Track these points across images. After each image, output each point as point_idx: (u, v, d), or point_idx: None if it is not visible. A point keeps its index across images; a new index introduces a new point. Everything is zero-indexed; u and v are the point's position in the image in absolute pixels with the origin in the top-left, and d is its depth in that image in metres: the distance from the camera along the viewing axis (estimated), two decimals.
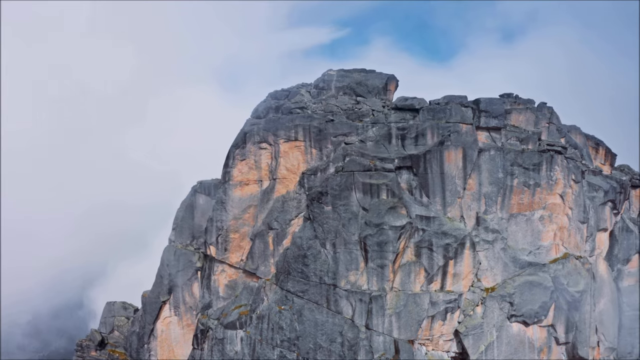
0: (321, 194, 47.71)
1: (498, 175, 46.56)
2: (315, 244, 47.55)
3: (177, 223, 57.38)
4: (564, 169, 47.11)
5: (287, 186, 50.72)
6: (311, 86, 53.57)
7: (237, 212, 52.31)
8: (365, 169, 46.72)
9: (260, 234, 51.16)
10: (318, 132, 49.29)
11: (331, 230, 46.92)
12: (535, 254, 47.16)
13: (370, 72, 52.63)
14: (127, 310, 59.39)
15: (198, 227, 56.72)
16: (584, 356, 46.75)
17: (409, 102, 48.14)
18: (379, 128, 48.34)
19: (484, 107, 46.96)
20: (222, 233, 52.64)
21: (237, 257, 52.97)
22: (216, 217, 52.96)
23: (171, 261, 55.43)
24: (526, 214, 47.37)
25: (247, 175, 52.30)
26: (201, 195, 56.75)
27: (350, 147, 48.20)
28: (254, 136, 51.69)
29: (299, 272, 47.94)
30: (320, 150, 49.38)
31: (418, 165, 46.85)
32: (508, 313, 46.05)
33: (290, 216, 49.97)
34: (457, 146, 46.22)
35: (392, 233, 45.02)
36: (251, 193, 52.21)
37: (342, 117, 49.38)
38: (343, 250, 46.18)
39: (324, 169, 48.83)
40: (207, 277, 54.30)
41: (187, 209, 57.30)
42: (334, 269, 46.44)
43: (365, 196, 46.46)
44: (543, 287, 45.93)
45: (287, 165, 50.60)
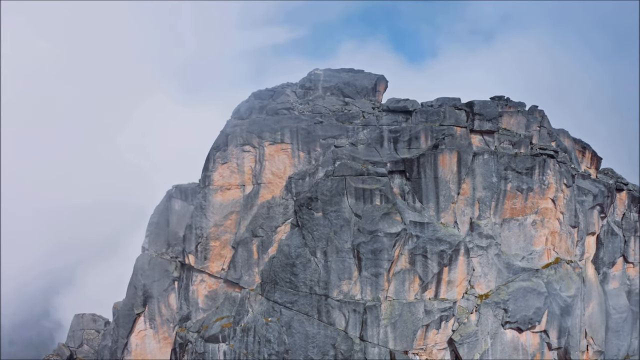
0: (310, 200, 45.40)
1: (492, 179, 45.56)
2: (305, 252, 45.21)
3: (150, 230, 53.72)
4: (556, 173, 46.64)
5: (272, 191, 48.09)
6: (296, 86, 51.09)
7: (218, 218, 49.27)
8: (357, 173, 44.73)
9: (243, 241, 48.33)
10: (306, 134, 46.89)
11: (322, 238, 44.69)
12: (528, 259, 46.52)
13: (359, 72, 50.67)
14: (97, 322, 55.35)
15: (174, 234, 53.30)
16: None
17: (401, 104, 46.44)
18: (370, 131, 46.43)
19: (477, 109, 45.83)
20: (202, 241, 49.47)
21: (218, 266, 49.94)
22: (195, 223, 49.72)
23: (145, 271, 51.78)
24: (519, 219, 46.65)
25: (229, 179, 49.32)
26: (177, 201, 53.31)
27: (340, 151, 46.09)
28: (236, 138, 48.76)
29: (287, 282, 45.49)
30: (308, 154, 47.01)
31: (411, 170, 45.25)
32: (502, 320, 45.20)
33: (276, 223, 47.38)
34: (451, 150, 44.89)
35: (387, 240, 43.24)
36: (233, 198, 49.28)
37: (331, 119, 47.17)
38: (335, 259, 44.05)
39: (312, 173, 46.52)
40: (184, 288, 51.01)
41: (161, 215, 53.74)
42: (325, 279, 44.25)
43: (358, 202, 44.47)
44: (537, 293, 45.33)
45: (272, 169, 47.96)
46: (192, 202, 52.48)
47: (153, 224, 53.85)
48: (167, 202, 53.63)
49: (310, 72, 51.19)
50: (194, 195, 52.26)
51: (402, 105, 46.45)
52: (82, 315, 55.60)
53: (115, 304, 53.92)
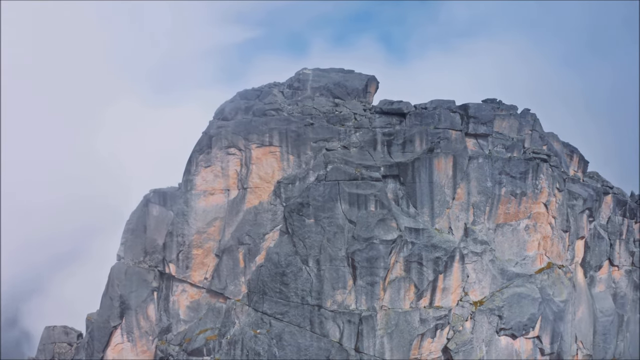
0: (302, 206, 43.39)
1: (487, 184, 44.71)
2: (296, 261, 43.18)
3: (126, 237, 50.40)
4: (548, 177, 46.23)
5: (259, 196, 45.77)
6: (284, 86, 48.87)
7: (201, 225, 46.60)
8: (351, 178, 43.00)
9: (228, 249, 45.84)
10: (296, 136, 44.78)
11: (314, 246, 42.77)
12: (522, 264, 45.99)
13: (349, 72, 48.90)
14: (70, 335, 51.71)
15: (151, 241, 50.17)
16: None
17: (395, 106, 44.95)
18: (363, 133, 44.77)
19: (472, 112, 44.86)
20: (184, 249, 46.70)
21: (200, 275, 47.29)
22: (177, 231, 46.87)
23: (122, 281, 48.50)
24: (512, 224, 46.04)
25: (213, 183, 46.70)
26: (155, 206, 50.15)
27: (332, 154, 44.24)
28: (221, 140, 46.18)
29: (277, 292, 43.37)
30: (298, 157, 44.93)
31: (406, 174, 43.85)
32: (497, 327, 44.48)
33: (264, 230, 45.13)
34: (447, 154, 43.75)
35: (383, 248, 41.71)
36: (217, 204, 46.70)
37: (322, 121, 45.22)
38: (328, 268, 42.21)
39: (303, 177, 44.49)
40: (164, 298, 48.08)
41: (138, 221, 50.46)
42: (318, 288, 42.36)
43: (352, 208, 42.75)
44: (531, 299, 44.82)
45: (260, 173, 45.64)
46: (172, 208, 49.53)
47: (129, 231, 50.55)
48: (145, 207, 50.43)
49: (298, 72, 49.06)
50: (174, 200, 49.33)
51: (396, 107, 44.97)
52: (53, 327, 51.76)
53: (88, 315, 50.40)
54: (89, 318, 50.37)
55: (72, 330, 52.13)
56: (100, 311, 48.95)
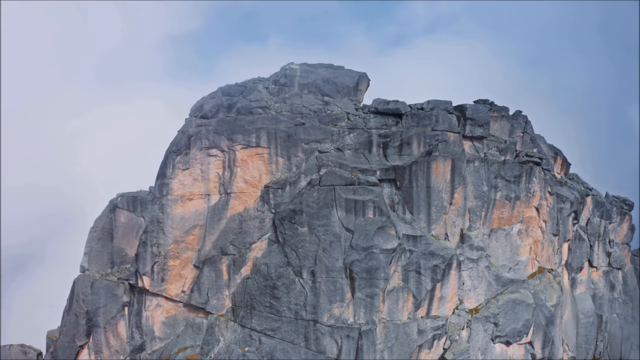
0: (294, 213, 40.18)
1: (483, 188, 43.33)
2: (288, 273, 40.01)
3: (91, 246, 45.26)
4: (540, 180, 45.54)
5: (245, 202, 42.09)
6: (269, 81, 45.14)
7: (179, 233, 42.32)
8: (347, 182, 40.24)
9: (210, 260, 41.93)
10: (286, 137, 41.37)
11: (308, 256, 39.75)
12: (515, 270, 45.15)
13: (339, 68, 45.89)
14: (28, 354, 45.94)
15: (119, 250, 45.43)
16: None
17: (391, 106, 42.45)
18: (358, 134, 42.03)
19: (469, 114, 43.19)
20: (159, 260, 42.27)
21: (177, 288, 43.06)
22: (151, 240, 42.34)
23: (88, 295, 43.35)
24: (505, 229, 45.03)
25: (191, 188, 42.48)
26: (122, 212, 45.32)
27: (325, 156, 41.23)
28: (201, 140, 42.00)
29: (267, 307, 40.07)
30: (288, 160, 41.57)
31: (402, 178, 41.62)
32: (492, 334, 43.43)
33: (250, 239, 41.56)
34: (445, 157, 41.88)
35: (383, 257, 39.36)
36: (196, 210, 42.56)
37: (313, 121, 42.04)
38: (325, 280, 39.36)
39: (294, 181, 41.23)
40: (136, 314, 43.45)
41: (104, 229, 45.46)
42: (313, 302, 39.45)
43: (349, 215, 40.05)
44: (525, 305, 44.09)
45: (245, 177, 41.92)
46: (142, 214, 44.95)
47: (94, 239, 45.41)
48: (111, 213, 45.44)
49: (284, 67, 45.51)
50: (145, 205, 44.73)
51: (392, 107, 42.49)
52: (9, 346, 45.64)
53: (49, 333, 44.99)
54: (49, 336, 44.91)
55: (31, 349, 46.38)
56: (64, 329, 43.56)
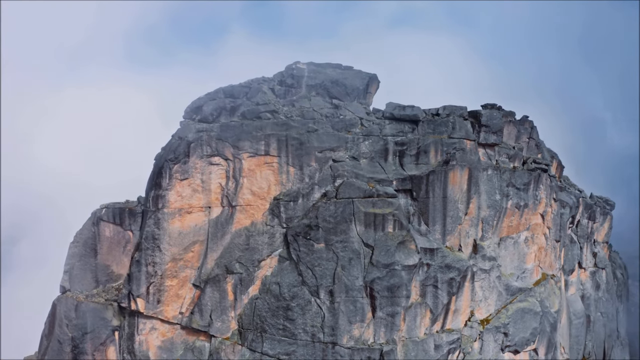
0: (309, 228, 37.22)
1: (496, 197, 42.22)
2: (303, 293, 37.17)
3: (71, 263, 40.12)
4: (547, 187, 45.12)
5: (252, 216, 38.57)
6: (274, 82, 41.34)
7: (177, 250, 38.25)
8: (366, 195, 37.69)
9: (213, 280, 38.25)
10: (298, 145, 38.05)
11: (326, 275, 37.04)
12: (522, 278, 44.70)
13: (348, 69, 42.74)
14: None
15: (104, 268, 40.63)
16: None
17: (408, 112, 40.06)
18: (373, 142, 39.43)
19: (484, 121, 41.70)
20: (155, 281, 38.08)
21: (174, 309, 39.12)
22: (146, 259, 38.00)
23: (72, 320, 38.46)
24: (513, 237, 44.33)
25: (190, 200, 38.36)
26: (108, 225, 40.38)
27: (340, 166, 38.40)
28: (202, 147, 37.86)
29: (280, 329, 37.14)
30: (300, 169, 38.34)
31: (419, 188, 39.62)
32: (502, 344, 42.87)
33: (259, 256, 38.21)
34: (463, 166, 40.23)
35: (405, 274, 37.38)
36: (195, 224, 38.57)
37: (326, 126, 38.95)
38: (344, 299, 36.87)
39: (306, 193, 38.16)
40: (128, 338, 39.17)
41: (86, 245, 40.39)
42: (331, 323, 36.92)
43: (368, 229, 37.61)
44: (533, 313, 43.81)
45: (252, 188, 38.31)
46: (131, 227, 40.27)
47: (75, 256, 40.24)
48: (94, 226, 40.37)
49: (289, 66, 41.77)
50: (133, 218, 40.09)
51: (409, 113, 40.10)
52: None
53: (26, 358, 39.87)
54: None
55: None
56: (45, 357, 38.51)
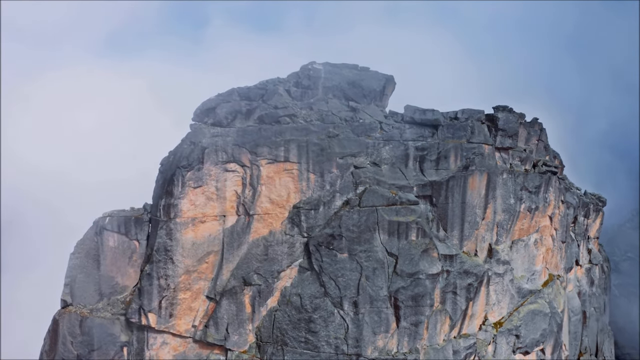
0: (332, 237, 35.96)
1: (510, 201, 42.05)
2: (325, 304, 36.04)
3: (72, 276, 37.53)
4: (555, 190, 45.38)
5: (270, 225, 36.91)
6: (289, 83, 39.40)
7: (191, 262, 36.30)
8: (389, 202, 36.67)
9: (230, 292, 36.57)
10: (319, 151, 36.50)
11: (350, 285, 35.98)
12: (531, 280, 45.00)
13: (364, 69, 41.18)
14: None
15: (107, 279, 38.25)
16: None
17: (429, 116, 39.03)
18: (394, 147, 38.32)
19: (501, 125, 41.23)
20: (168, 294, 36.07)
21: (187, 323, 37.28)
22: (158, 272, 35.89)
23: (77, 337, 36.09)
24: (524, 239, 44.45)
25: (204, 208, 36.35)
26: (112, 235, 37.93)
27: (362, 172, 37.16)
28: (217, 153, 35.79)
29: (302, 342, 35.96)
30: (321, 176, 36.85)
31: (439, 194, 38.92)
32: (514, 346, 43.20)
33: (278, 267, 36.71)
34: (482, 171, 39.74)
35: (429, 283, 36.77)
36: (209, 234, 36.64)
37: (347, 131, 37.50)
38: (369, 310, 35.98)
39: (328, 201, 36.78)
40: (137, 354, 37.14)
41: (88, 255, 37.84)
42: (356, 335, 36.00)
43: (392, 238, 36.68)
44: (543, 315, 44.28)
45: (271, 196, 36.60)
46: (137, 237, 37.99)
47: (76, 267, 37.64)
48: (97, 236, 37.82)
49: (305, 66, 39.86)
50: (140, 227, 37.81)
51: (430, 117, 39.09)
52: None
53: None
54: None
55: None
56: None
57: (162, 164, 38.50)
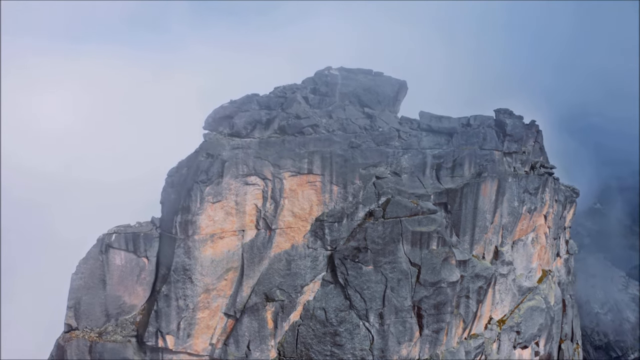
0: (357, 250, 35.44)
1: (514, 204, 43.13)
2: (351, 317, 35.70)
3: (76, 298, 34.95)
4: (551, 190, 46.97)
5: (292, 238, 35.80)
6: (306, 89, 37.78)
7: (210, 280, 34.70)
8: (412, 213, 36.51)
9: (251, 309, 35.36)
10: (343, 162, 35.54)
11: (375, 297, 35.77)
12: (529, 277, 46.71)
13: (378, 75, 40.17)
14: None
15: (114, 299, 35.97)
16: None
17: (445, 124, 38.90)
18: (412, 156, 37.99)
19: (509, 130, 41.84)
20: (187, 315, 34.37)
21: (204, 341, 35.82)
22: (176, 292, 34.02)
23: None
24: (523, 239, 45.91)
25: (223, 224, 34.66)
26: (119, 253, 35.48)
27: (384, 183, 36.65)
28: (238, 166, 34.02)
29: (328, 356, 35.57)
30: (344, 188, 35.97)
31: (454, 201, 39.22)
32: (515, 342, 44.93)
33: (302, 281, 35.82)
34: (493, 177, 40.35)
35: (450, 291, 37.23)
36: (228, 250, 35.09)
37: (368, 140, 36.68)
38: (394, 321, 36.00)
39: (351, 213, 36.08)
40: None
41: (93, 275, 35.25)
42: (381, 345, 36.00)
43: (414, 248, 36.66)
44: (540, 310, 46.24)
45: (294, 210, 35.39)
46: (146, 254, 35.76)
47: (80, 289, 35.01)
48: (102, 254, 35.22)
49: (321, 72, 38.35)
50: (149, 243, 35.61)
51: (446, 125, 38.97)
52: None
53: None
54: None
55: None
56: None
57: (171, 175, 36.19)
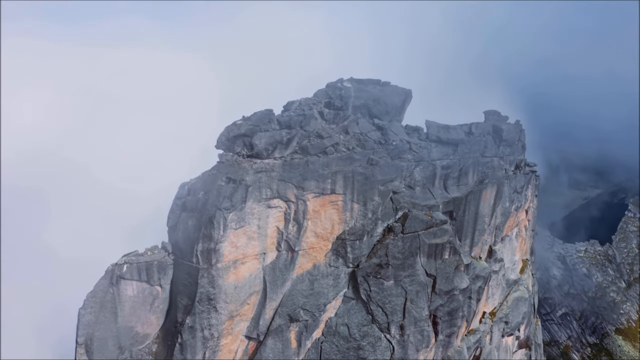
0: (379, 267, 35.75)
1: (506, 204, 45.14)
2: (373, 331, 36.31)
3: (87, 334, 32.77)
4: (533, 187, 49.48)
5: (314, 258, 35.37)
6: (320, 104, 36.48)
7: (234, 307, 33.74)
8: (427, 226, 37.17)
9: (276, 331, 34.90)
10: (364, 180, 35.19)
11: (396, 310, 36.48)
12: (513, 269, 49.52)
13: (386, 85, 39.49)
14: None
15: (127, 330, 34.23)
16: (530, 344, 54.14)
17: (453, 135, 39.38)
18: (424, 168, 38.33)
19: (505, 136, 43.20)
20: (212, 343, 33.32)
21: None
22: (201, 323, 32.78)
23: None
24: (509, 234, 48.36)
25: (245, 249, 33.54)
26: (131, 283, 33.47)
27: (401, 197, 36.85)
28: (261, 190, 32.75)
29: None
30: (364, 205, 35.75)
31: (459, 209, 40.37)
32: (504, 331, 47.90)
33: (325, 300, 35.70)
34: (493, 184, 41.81)
35: (461, 297, 38.71)
36: (250, 274, 34.15)
37: (384, 156, 36.42)
38: (413, 331, 37.04)
39: (371, 229, 36.10)
40: None
41: (103, 308, 33.07)
42: (401, 355, 37.04)
43: (430, 260, 37.52)
44: (524, 300, 49.38)
45: (317, 230, 34.80)
46: (160, 282, 34.01)
47: (91, 324, 32.80)
48: (113, 287, 33.00)
49: (333, 84, 37.11)
50: (163, 272, 33.85)
51: (454, 136, 39.46)
52: None
53: None
54: None
55: None
56: None
57: (181, 197, 34.16)
